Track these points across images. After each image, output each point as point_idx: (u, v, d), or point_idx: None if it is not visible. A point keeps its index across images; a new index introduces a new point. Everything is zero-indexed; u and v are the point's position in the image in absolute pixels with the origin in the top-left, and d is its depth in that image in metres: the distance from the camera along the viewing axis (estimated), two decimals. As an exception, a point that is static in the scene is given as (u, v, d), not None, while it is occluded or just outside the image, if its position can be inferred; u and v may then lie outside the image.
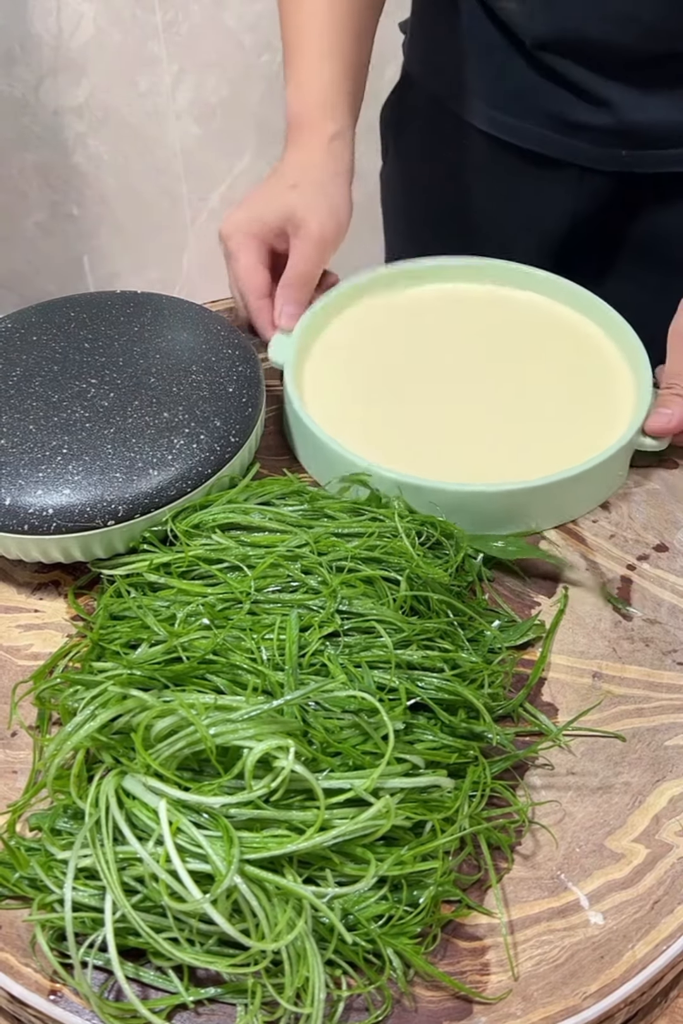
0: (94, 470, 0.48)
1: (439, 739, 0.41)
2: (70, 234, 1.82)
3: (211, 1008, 0.37)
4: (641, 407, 0.56)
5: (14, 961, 0.38)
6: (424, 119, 0.81)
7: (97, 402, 0.52)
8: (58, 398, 0.52)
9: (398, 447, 0.56)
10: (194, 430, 0.51)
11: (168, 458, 0.49)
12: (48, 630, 0.50)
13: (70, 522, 0.47)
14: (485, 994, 0.37)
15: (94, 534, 0.48)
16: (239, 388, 0.54)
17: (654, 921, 0.39)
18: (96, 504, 0.47)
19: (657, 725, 0.46)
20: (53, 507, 0.47)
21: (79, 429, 0.50)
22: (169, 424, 0.51)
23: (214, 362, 0.55)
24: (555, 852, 0.41)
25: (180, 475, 0.49)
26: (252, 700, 0.39)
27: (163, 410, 0.51)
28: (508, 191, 0.76)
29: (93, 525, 0.48)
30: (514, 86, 0.71)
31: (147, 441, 0.50)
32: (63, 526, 0.47)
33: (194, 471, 0.50)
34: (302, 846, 0.35)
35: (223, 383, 0.54)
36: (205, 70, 1.57)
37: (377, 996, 0.37)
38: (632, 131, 0.67)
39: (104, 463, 0.49)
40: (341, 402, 0.59)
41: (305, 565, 0.46)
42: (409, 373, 0.61)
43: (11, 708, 0.45)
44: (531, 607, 0.51)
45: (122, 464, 0.49)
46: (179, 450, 0.50)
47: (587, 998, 0.37)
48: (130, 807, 0.37)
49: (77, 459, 0.49)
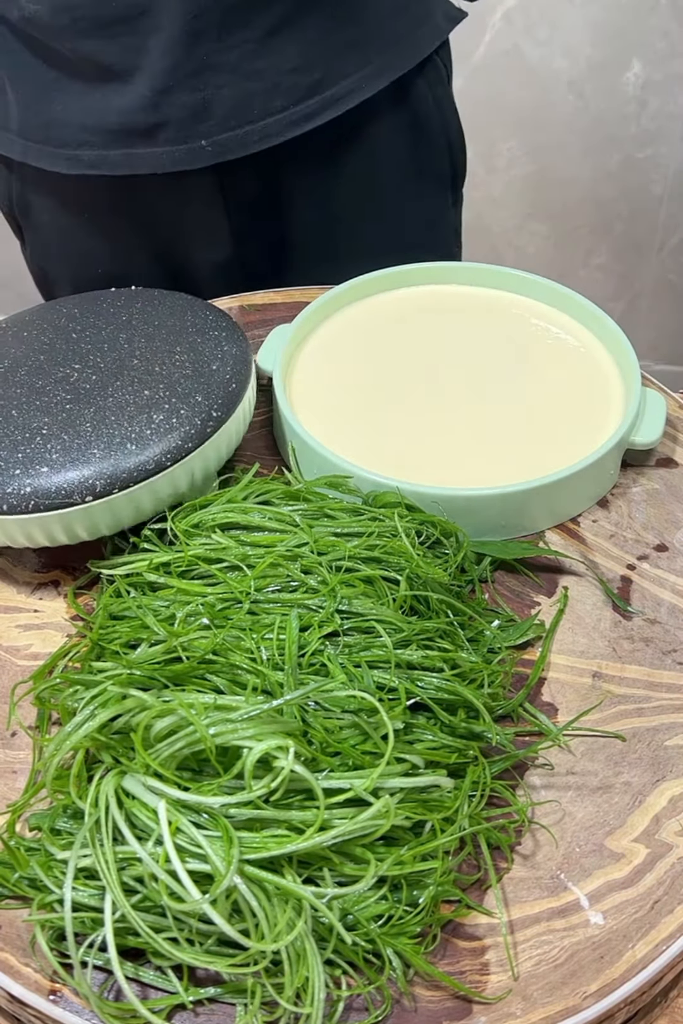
0: (72, 448, 0.48)
1: (439, 739, 0.41)
2: (70, 234, 1.82)
3: (211, 1008, 0.37)
4: (631, 406, 0.56)
5: (14, 961, 0.38)
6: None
7: (79, 385, 0.52)
8: (42, 384, 0.52)
9: (388, 452, 0.56)
10: (174, 405, 0.51)
11: (147, 433, 0.49)
12: (48, 630, 0.50)
13: (47, 499, 0.47)
14: (485, 994, 0.37)
15: (74, 511, 0.48)
16: (223, 365, 0.54)
17: (654, 921, 0.39)
18: (73, 481, 0.47)
19: (657, 725, 0.46)
20: (31, 486, 0.47)
21: (60, 411, 0.50)
22: (149, 401, 0.51)
23: (199, 343, 0.55)
24: (555, 852, 0.41)
25: (160, 450, 0.49)
26: (252, 700, 0.39)
27: (144, 388, 0.51)
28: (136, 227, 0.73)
29: (71, 502, 0.47)
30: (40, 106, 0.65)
31: (126, 418, 0.50)
32: (41, 504, 0.47)
33: (174, 445, 0.49)
34: (302, 846, 0.35)
35: (207, 361, 0.54)
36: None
37: (377, 996, 0.37)
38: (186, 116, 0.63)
39: (82, 441, 0.49)
40: (330, 406, 0.59)
41: (305, 565, 0.46)
42: (399, 376, 0.61)
43: (10, 708, 0.45)
44: (531, 607, 0.51)
45: (100, 441, 0.49)
46: (158, 425, 0.50)
47: (587, 998, 0.37)
48: (130, 807, 0.37)
49: (56, 438, 0.49)
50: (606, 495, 0.57)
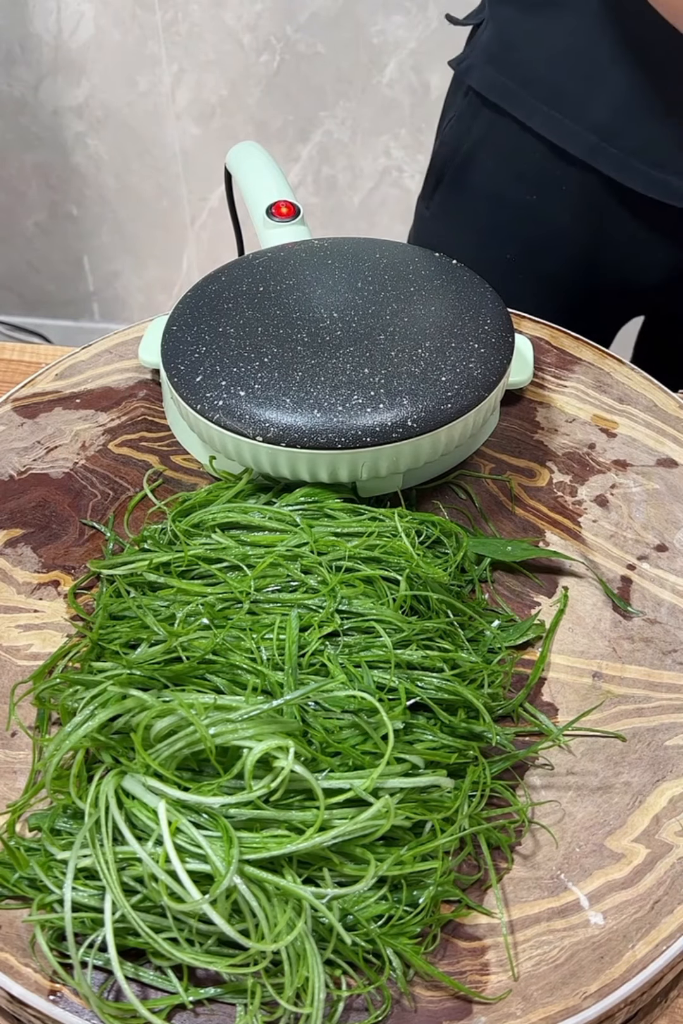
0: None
1: (439, 739, 0.41)
2: (70, 234, 1.83)
3: (211, 1008, 0.37)
4: None
5: (14, 961, 0.38)
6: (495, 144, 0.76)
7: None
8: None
9: None
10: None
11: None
12: (48, 630, 0.50)
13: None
14: (485, 994, 0.37)
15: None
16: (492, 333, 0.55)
17: (654, 921, 0.39)
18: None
19: (657, 725, 0.46)
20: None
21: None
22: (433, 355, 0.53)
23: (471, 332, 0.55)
24: (555, 852, 0.41)
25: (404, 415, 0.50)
26: (252, 700, 0.39)
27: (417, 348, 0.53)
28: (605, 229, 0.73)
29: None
30: None
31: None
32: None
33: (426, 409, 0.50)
34: (302, 846, 0.35)
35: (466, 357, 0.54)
36: (205, 70, 1.57)
37: (377, 996, 0.37)
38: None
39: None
40: None
41: (305, 565, 0.46)
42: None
43: (10, 708, 0.45)
44: (531, 607, 0.51)
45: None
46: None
47: (587, 998, 0.37)
48: (130, 807, 0.37)
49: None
50: (606, 494, 0.57)
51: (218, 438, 0.51)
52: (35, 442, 0.59)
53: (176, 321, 0.57)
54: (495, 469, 0.58)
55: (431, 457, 0.52)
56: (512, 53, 0.72)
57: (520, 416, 0.62)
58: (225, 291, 0.58)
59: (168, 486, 0.57)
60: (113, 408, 0.62)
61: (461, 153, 0.78)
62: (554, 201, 0.74)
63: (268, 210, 0.69)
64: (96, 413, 0.62)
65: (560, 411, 0.62)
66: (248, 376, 0.51)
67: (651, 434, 0.60)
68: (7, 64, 1.60)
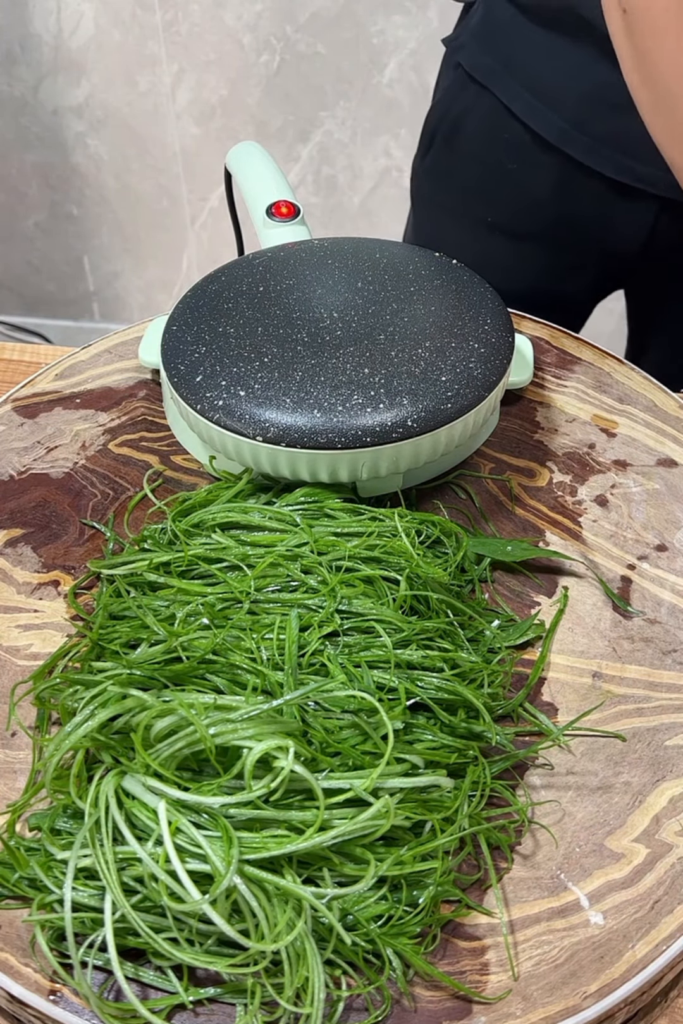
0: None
1: (439, 739, 0.41)
2: (70, 234, 1.83)
3: (211, 1008, 0.37)
4: None
5: (14, 961, 0.38)
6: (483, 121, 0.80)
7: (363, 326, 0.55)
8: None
9: None
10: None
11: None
12: (48, 630, 0.50)
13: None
14: (485, 994, 0.37)
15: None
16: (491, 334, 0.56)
17: (654, 921, 0.39)
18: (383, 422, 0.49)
19: (657, 725, 0.46)
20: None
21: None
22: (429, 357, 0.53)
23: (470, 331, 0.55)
24: (555, 852, 0.41)
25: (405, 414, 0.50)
26: (252, 700, 0.39)
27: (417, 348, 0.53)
28: (579, 212, 0.77)
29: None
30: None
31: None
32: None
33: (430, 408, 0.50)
34: (302, 846, 0.35)
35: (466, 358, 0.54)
36: (205, 70, 1.57)
37: (377, 996, 0.37)
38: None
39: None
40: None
41: (305, 565, 0.46)
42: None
43: (10, 708, 0.45)
44: (531, 607, 0.51)
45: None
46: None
47: (587, 998, 0.37)
48: (130, 807, 0.37)
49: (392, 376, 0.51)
50: (606, 494, 0.57)
51: (218, 438, 0.51)
52: (35, 442, 0.59)
53: (176, 321, 0.57)
54: (495, 469, 0.58)
55: (431, 457, 0.52)
56: (498, 37, 0.77)
57: (520, 416, 0.62)
58: (225, 291, 0.58)
59: (168, 486, 0.57)
60: (113, 408, 0.62)
61: (450, 119, 0.83)
62: (533, 172, 0.78)
63: (268, 210, 0.69)
64: (96, 413, 0.62)
65: (560, 411, 0.62)
66: (248, 376, 0.51)
67: (651, 434, 0.60)
68: (7, 64, 1.60)
